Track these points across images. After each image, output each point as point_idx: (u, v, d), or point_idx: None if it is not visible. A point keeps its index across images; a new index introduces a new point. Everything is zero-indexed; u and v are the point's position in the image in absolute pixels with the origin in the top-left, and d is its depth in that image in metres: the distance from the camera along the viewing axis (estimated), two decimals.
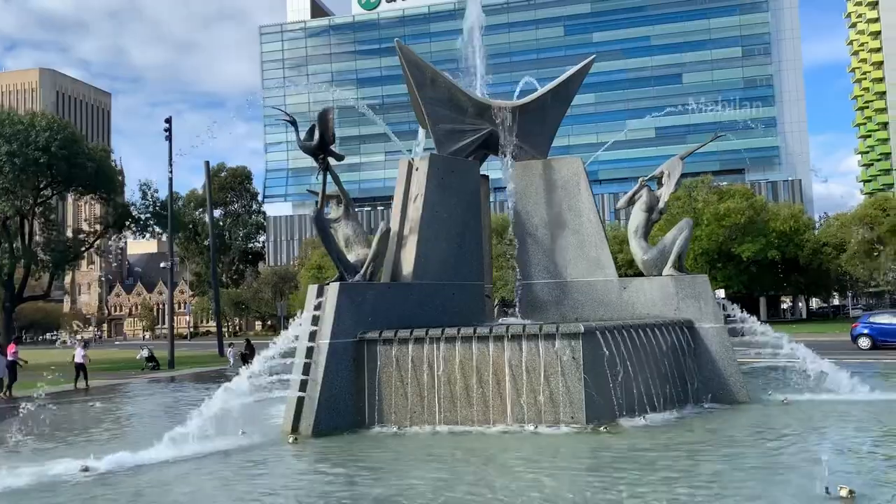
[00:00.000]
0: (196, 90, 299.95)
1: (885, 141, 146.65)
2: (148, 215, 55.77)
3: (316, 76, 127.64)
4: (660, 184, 18.34)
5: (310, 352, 15.04)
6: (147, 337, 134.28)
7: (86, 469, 11.52)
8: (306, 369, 14.93)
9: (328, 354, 14.68)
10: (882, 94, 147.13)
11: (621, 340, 14.85)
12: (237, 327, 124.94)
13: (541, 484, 9.92)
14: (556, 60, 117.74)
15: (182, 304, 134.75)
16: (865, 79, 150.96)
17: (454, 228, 17.45)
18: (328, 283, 15.62)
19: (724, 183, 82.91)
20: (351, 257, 16.22)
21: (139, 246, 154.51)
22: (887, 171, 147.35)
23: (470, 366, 14.68)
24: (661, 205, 17.88)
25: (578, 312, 17.87)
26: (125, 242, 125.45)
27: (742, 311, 17.72)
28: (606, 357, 14.41)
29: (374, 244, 15.82)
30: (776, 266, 74.38)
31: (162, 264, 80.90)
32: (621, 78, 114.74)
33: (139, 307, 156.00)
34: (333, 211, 16.97)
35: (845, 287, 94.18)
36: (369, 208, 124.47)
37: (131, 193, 67.85)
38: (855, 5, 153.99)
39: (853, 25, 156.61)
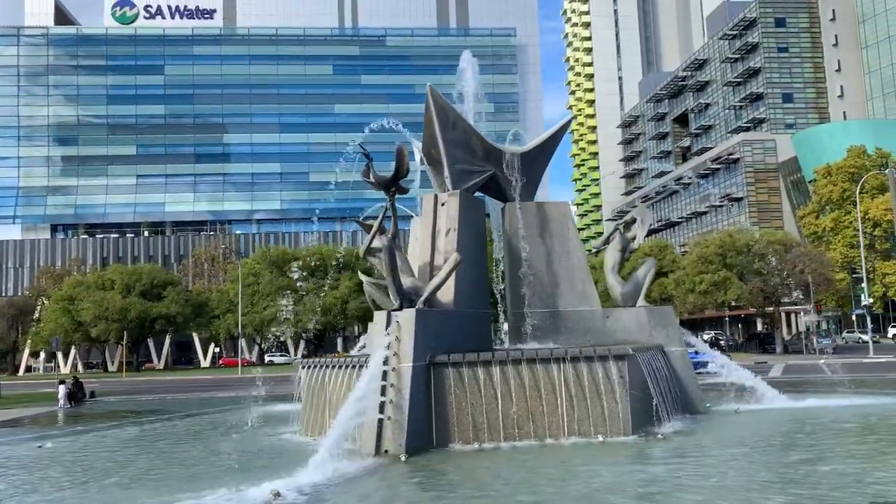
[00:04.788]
0: None
1: (598, 195, 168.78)
2: None
3: (58, 88, 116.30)
4: (626, 228, 21.44)
5: (384, 375, 15.56)
6: None
7: (277, 494, 11.35)
8: (383, 392, 15.43)
9: (412, 378, 15.39)
10: (595, 155, 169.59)
11: (649, 362, 17.47)
12: None
13: (722, 474, 12.06)
14: (323, 97, 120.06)
15: None
16: (582, 140, 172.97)
17: (471, 260, 18.91)
18: (394, 311, 16.22)
19: None
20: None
21: None
22: (598, 222, 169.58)
23: (533, 385, 16.28)
24: (634, 245, 20.95)
25: (569, 339, 20.11)
26: None
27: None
28: (646, 376, 16.92)
29: (444, 273, 16.75)
30: None
31: None
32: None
33: None
34: (377, 241, 17.57)
35: None
36: (117, 235, 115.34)
37: None
38: (575, 75, 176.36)
39: (573, 93, 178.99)
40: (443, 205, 18.78)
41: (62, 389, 35.52)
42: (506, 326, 22.66)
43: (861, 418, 17.89)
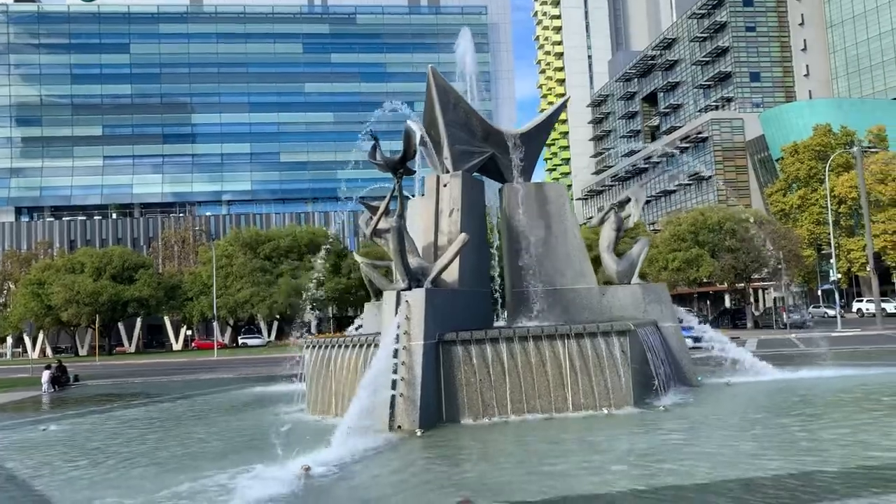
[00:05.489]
0: None
1: (567, 174, 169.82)
2: None
3: (20, 68, 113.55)
4: (621, 207, 21.89)
5: (395, 353, 15.82)
6: None
7: (308, 469, 11.64)
8: (395, 370, 15.71)
9: (423, 355, 15.69)
10: (565, 134, 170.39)
11: (647, 337, 18.00)
12: None
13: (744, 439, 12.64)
14: (293, 76, 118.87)
15: None
16: None
17: (474, 240, 19.21)
18: (403, 291, 16.46)
19: None
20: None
21: None
22: (570, 200, 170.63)
23: (540, 361, 16.70)
24: (630, 223, 21.42)
25: (567, 315, 20.57)
26: None
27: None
28: (647, 350, 17.44)
29: (451, 253, 17.00)
30: None
31: None
32: (356, 101, 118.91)
33: None
34: (383, 221, 17.77)
35: None
36: (84, 217, 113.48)
37: None
38: (545, 54, 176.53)
39: (543, 71, 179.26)
40: (445, 185, 19.02)
41: (46, 374, 35.24)
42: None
43: (850, 387, 18.66)
